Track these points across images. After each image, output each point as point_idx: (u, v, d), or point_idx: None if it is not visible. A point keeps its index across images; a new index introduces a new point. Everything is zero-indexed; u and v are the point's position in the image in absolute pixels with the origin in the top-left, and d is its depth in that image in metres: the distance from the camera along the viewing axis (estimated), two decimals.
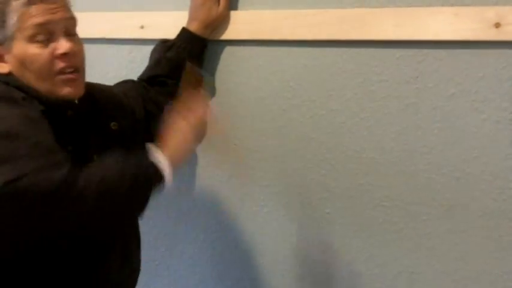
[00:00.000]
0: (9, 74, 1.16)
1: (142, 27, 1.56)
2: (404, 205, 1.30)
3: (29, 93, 1.14)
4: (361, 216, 1.35)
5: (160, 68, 1.44)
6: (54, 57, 1.14)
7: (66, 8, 1.18)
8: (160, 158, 1.11)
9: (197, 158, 1.55)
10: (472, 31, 1.18)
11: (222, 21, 1.43)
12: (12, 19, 1.13)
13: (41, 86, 1.15)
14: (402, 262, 1.32)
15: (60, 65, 1.15)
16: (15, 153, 0.99)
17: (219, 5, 1.41)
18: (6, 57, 1.16)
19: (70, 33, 1.18)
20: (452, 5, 1.20)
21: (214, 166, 1.53)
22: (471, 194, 1.23)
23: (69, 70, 1.16)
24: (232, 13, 1.43)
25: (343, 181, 1.36)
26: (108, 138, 1.25)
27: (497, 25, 1.15)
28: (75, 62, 1.17)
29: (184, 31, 1.44)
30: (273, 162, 1.44)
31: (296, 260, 1.45)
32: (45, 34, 1.14)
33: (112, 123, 1.27)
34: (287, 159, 1.42)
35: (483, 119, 1.20)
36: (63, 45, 1.14)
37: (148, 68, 1.47)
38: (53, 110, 1.15)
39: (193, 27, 1.43)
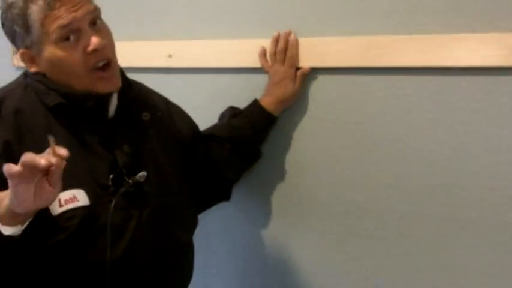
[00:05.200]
0: (39, 73, 1.18)
1: (170, 56, 1.57)
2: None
3: (48, 87, 1.16)
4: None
5: (221, 130, 1.45)
6: (86, 54, 1.15)
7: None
8: None
9: None
10: (497, 57, 1.20)
11: (296, 98, 1.45)
12: (36, 23, 1.13)
13: (77, 84, 1.16)
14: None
15: (92, 60, 1.15)
16: None
17: (294, 82, 1.43)
18: (37, 59, 1.17)
19: (95, 22, 1.17)
20: (476, 31, 1.22)
21: None
22: (492, 209, 1.24)
23: (101, 63, 1.16)
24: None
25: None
26: (138, 129, 1.24)
27: None
28: (106, 55, 1.17)
29: (255, 103, 1.45)
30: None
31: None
32: (72, 33, 1.14)
33: (144, 114, 1.25)
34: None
35: (507, 135, 1.22)
36: (92, 41, 1.14)
37: (211, 128, 1.48)
38: (72, 102, 1.17)
39: (265, 102, 1.44)
